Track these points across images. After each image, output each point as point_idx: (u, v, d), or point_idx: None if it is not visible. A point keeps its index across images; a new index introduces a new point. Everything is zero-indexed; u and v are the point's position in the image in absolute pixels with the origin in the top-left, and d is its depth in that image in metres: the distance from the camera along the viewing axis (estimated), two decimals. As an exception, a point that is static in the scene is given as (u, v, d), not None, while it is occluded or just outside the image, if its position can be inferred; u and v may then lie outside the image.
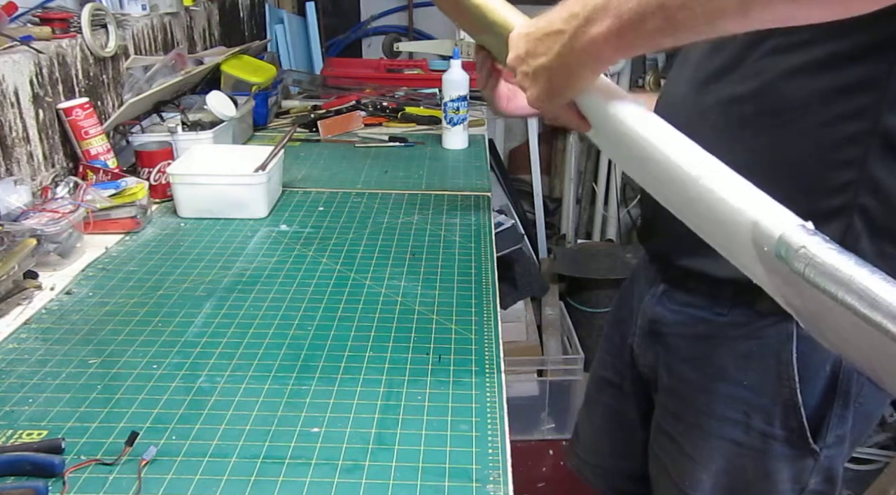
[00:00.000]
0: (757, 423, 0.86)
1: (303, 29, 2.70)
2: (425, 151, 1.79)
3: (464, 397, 0.84)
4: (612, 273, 2.60)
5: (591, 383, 1.18)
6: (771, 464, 0.87)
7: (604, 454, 1.17)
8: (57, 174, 1.36)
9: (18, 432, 0.77)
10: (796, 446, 0.85)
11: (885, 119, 0.71)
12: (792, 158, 0.76)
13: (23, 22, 1.38)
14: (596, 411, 1.16)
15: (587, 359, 2.41)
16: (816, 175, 0.76)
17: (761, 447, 0.86)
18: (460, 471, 0.72)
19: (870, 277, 0.45)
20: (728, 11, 0.54)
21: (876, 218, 0.75)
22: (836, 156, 0.74)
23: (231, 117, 1.62)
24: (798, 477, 0.88)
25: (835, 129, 0.73)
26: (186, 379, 0.87)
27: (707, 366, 0.89)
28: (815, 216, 0.76)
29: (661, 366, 0.95)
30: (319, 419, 0.80)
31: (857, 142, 0.73)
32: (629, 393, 1.06)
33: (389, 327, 0.99)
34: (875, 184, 0.74)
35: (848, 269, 0.46)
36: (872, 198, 0.74)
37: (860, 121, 0.72)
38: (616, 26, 0.62)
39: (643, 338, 0.98)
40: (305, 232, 1.30)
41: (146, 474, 0.71)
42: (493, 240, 1.28)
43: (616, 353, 1.08)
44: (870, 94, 0.71)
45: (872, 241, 0.76)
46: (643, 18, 0.59)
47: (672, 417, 0.95)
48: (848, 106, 0.72)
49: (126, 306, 1.04)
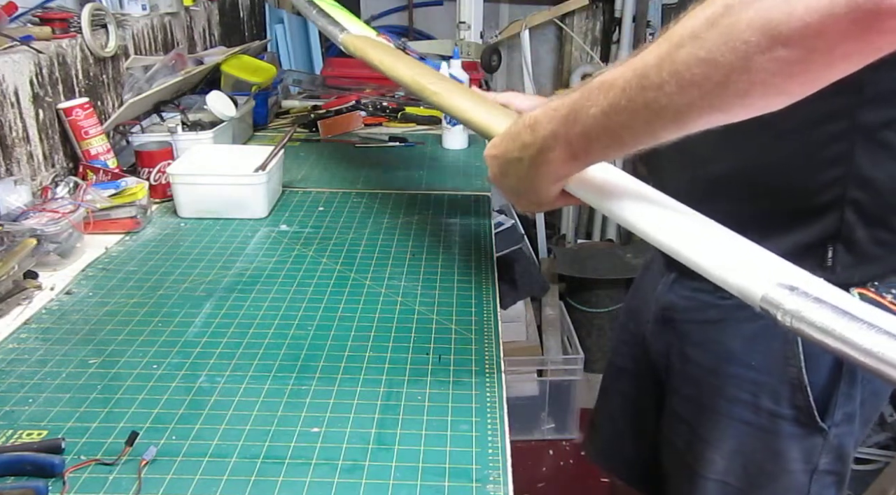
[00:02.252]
0: (765, 403, 0.87)
1: (303, 29, 2.70)
2: (425, 151, 1.78)
3: (464, 397, 0.84)
4: (612, 273, 2.60)
5: (607, 372, 1.20)
6: (780, 444, 0.89)
7: (621, 439, 1.18)
8: (57, 174, 1.36)
9: (18, 432, 0.77)
10: (804, 425, 0.87)
11: (864, 116, 0.74)
12: (781, 159, 0.79)
13: (23, 22, 1.38)
14: (613, 400, 1.18)
15: (587, 359, 2.41)
16: (806, 174, 0.78)
17: (770, 427, 0.88)
18: (460, 471, 0.72)
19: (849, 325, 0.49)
20: (667, 127, 0.60)
21: (868, 209, 0.78)
22: (822, 154, 0.77)
23: (231, 117, 1.62)
24: (808, 456, 0.89)
25: (819, 129, 0.76)
26: (186, 379, 0.87)
27: (717, 349, 0.91)
28: (807, 212, 0.80)
29: (673, 352, 0.97)
30: (319, 419, 0.80)
31: (841, 139, 0.75)
32: (643, 379, 1.08)
33: (389, 327, 0.99)
34: (863, 179, 0.76)
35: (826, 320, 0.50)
36: (862, 192, 0.77)
37: (841, 120, 0.75)
38: (567, 152, 0.68)
39: (656, 326, 1.01)
40: (305, 232, 1.30)
41: (146, 474, 0.71)
42: (493, 240, 1.28)
43: (631, 342, 1.09)
44: (846, 96, 0.73)
45: (867, 231, 0.79)
46: (590, 141, 0.65)
47: (684, 400, 0.97)
48: (827, 106, 0.74)
49: (126, 306, 1.04)
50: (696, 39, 0.54)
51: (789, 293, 0.54)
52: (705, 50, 0.53)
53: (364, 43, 1.34)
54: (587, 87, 0.64)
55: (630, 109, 0.60)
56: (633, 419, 1.14)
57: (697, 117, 0.58)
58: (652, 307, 1.01)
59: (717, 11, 0.52)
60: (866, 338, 0.48)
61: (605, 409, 1.21)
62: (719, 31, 0.52)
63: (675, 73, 0.55)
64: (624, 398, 1.15)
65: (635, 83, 0.58)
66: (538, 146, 0.70)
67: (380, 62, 1.25)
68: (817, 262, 0.80)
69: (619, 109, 0.60)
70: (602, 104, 0.62)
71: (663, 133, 0.61)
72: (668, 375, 1.00)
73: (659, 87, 0.56)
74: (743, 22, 0.51)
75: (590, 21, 3.03)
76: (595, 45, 3.05)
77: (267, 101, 1.92)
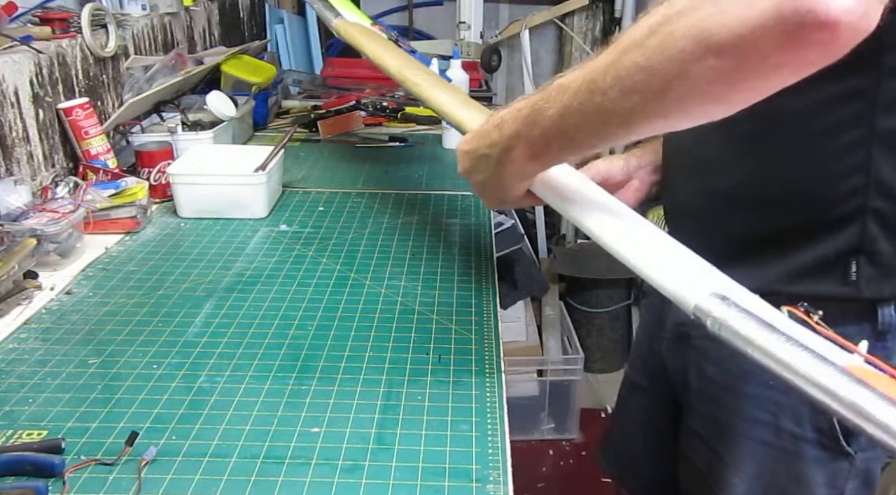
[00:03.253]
0: (786, 424, 0.84)
1: (303, 29, 2.70)
2: (425, 151, 1.79)
3: (464, 397, 0.84)
4: (612, 273, 2.60)
5: (623, 387, 1.18)
6: (804, 468, 0.85)
7: (636, 456, 1.17)
8: (57, 174, 1.36)
9: (18, 432, 0.77)
10: (829, 448, 0.84)
11: (882, 123, 0.71)
12: (797, 170, 0.76)
13: (23, 22, 1.38)
14: (628, 415, 1.17)
15: (587, 359, 2.41)
16: (824, 184, 0.76)
17: (793, 449, 0.85)
18: (460, 471, 0.72)
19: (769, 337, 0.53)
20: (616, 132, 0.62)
21: (891, 219, 0.75)
22: (839, 163, 0.74)
23: (231, 117, 1.62)
24: (833, 481, 0.85)
25: (834, 138, 0.73)
26: (186, 379, 0.87)
27: (734, 367, 0.87)
28: (827, 225, 0.77)
29: (690, 369, 0.95)
30: (319, 419, 0.80)
31: (858, 147, 0.73)
32: (659, 397, 1.06)
33: (389, 327, 0.99)
34: (885, 187, 0.73)
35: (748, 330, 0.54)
36: (884, 201, 0.74)
37: (858, 127, 0.72)
38: (529, 151, 0.71)
39: (671, 343, 0.98)
40: (305, 232, 1.30)
41: (146, 474, 0.71)
42: (493, 240, 1.28)
43: (646, 358, 1.08)
44: (860, 102, 0.71)
45: (891, 242, 0.75)
46: (548, 141, 0.68)
47: (703, 420, 0.94)
48: (841, 114, 0.72)
49: (126, 306, 1.04)
50: (637, 47, 0.55)
51: (720, 302, 0.57)
52: (645, 57, 0.55)
53: (356, 30, 1.36)
54: (547, 88, 0.66)
55: (581, 112, 0.62)
56: (650, 437, 1.12)
57: (642, 122, 0.60)
58: (667, 324, 0.99)
59: (658, 20, 0.54)
60: (784, 350, 0.51)
61: (621, 423, 1.20)
62: (658, 40, 0.54)
63: (618, 79, 0.57)
64: (640, 414, 1.13)
65: (584, 87, 0.61)
66: (503, 145, 0.73)
67: (370, 51, 1.28)
68: (840, 277, 0.77)
69: (571, 112, 0.63)
70: (557, 106, 0.64)
71: (613, 137, 0.64)
72: (685, 393, 0.97)
73: (604, 92, 0.59)
74: (679, 31, 0.52)
75: (590, 21, 3.03)
76: (595, 45, 3.05)
77: (267, 101, 1.92)
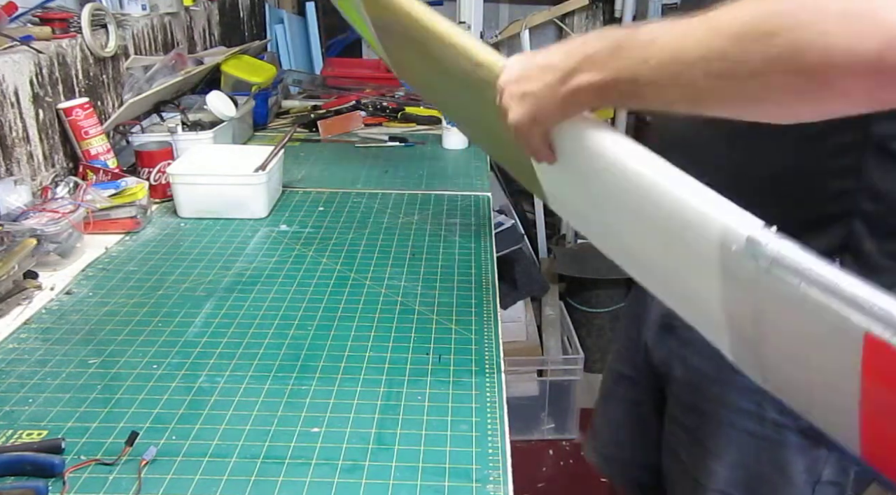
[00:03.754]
0: (770, 414, 0.86)
1: (303, 29, 2.70)
2: (425, 151, 1.79)
3: (464, 397, 0.84)
4: (612, 273, 2.59)
5: (608, 377, 1.19)
6: (786, 455, 0.87)
7: (622, 447, 1.17)
8: (57, 174, 1.36)
9: (18, 432, 0.77)
10: (810, 436, 0.85)
11: (877, 128, 0.72)
12: (790, 168, 0.78)
13: (23, 22, 1.38)
14: (613, 405, 1.18)
15: (587, 359, 2.41)
16: (812, 184, 0.77)
17: (776, 438, 0.87)
18: (460, 471, 0.72)
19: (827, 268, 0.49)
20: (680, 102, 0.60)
21: (878, 221, 0.76)
22: (830, 165, 0.75)
23: (231, 117, 1.62)
24: (812, 468, 0.88)
25: (826, 141, 0.74)
26: (186, 379, 0.87)
27: (719, 357, 0.88)
28: (813, 223, 0.77)
29: (674, 359, 0.96)
30: (319, 419, 0.80)
31: (850, 150, 0.74)
32: (644, 386, 1.07)
33: (389, 327, 0.99)
34: (875, 191, 0.74)
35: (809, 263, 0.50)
36: (873, 204, 0.75)
37: (853, 131, 0.73)
38: (598, 81, 0.66)
39: (657, 332, 0.99)
40: (305, 232, 1.30)
41: (146, 474, 0.71)
42: (493, 240, 1.28)
43: (631, 348, 1.09)
44: None
45: (877, 243, 0.76)
46: (616, 82, 0.64)
47: (686, 408, 0.96)
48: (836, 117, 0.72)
49: (126, 306, 1.04)
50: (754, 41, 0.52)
51: (772, 234, 0.53)
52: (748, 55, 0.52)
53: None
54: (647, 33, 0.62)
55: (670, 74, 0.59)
56: (635, 427, 1.13)
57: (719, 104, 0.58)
58: (652, 314, 1.00)
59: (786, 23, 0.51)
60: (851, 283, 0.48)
61: (605, 415, 1.20)
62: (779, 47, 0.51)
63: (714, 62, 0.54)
64: (625, 405, 1.14)
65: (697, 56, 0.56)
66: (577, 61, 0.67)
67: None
68: None
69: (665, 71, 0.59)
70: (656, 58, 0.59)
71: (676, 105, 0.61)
72: (669, 383, 0.99)
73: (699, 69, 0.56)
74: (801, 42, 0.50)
75: (590, 21, 3.03)
76: (595, 45, 3.05)
77: (267, 101, 1.92)
